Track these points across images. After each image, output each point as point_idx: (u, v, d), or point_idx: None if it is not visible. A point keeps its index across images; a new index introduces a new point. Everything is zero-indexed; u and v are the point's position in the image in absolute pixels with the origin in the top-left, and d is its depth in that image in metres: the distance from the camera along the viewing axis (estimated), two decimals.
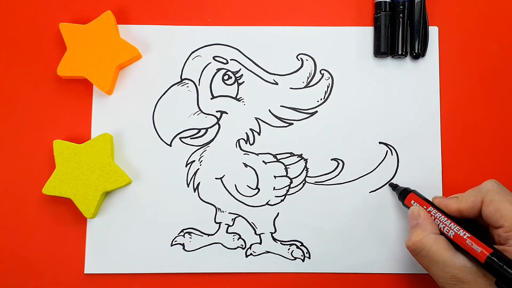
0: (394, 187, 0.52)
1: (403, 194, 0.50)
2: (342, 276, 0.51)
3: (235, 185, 0.52)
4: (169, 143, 0.53)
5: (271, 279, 0.52)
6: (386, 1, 0.53)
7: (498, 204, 0.42)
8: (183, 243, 0.52)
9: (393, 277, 0.51)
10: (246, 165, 0.52)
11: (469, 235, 0.43)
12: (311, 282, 0.51)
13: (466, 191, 0.46)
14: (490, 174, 0.53)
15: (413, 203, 0.48)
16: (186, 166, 0.52)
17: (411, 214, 0.47)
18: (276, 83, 0.53)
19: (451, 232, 0.44)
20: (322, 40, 0.54)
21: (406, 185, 0.52)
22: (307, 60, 0.54)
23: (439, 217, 0.46)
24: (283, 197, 0.52)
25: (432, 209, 0.47)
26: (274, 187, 0.52)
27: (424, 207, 0.47)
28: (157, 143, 0.53)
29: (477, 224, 0.46)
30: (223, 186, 0.52)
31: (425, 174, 0.53)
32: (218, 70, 0.53)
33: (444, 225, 0.45)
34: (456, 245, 0.44)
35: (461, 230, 0.44)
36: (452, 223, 0.45)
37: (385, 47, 0.53)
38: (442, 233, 0.45)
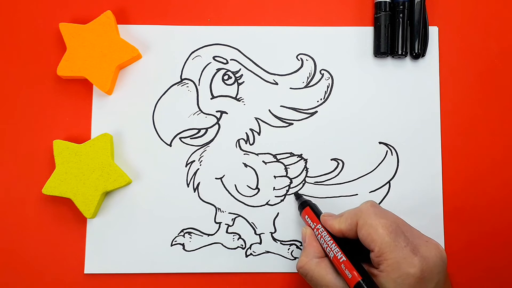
0: (297, 197, 0.51)
1: (302, 206, 0.50)
2: None
3: (235, 185, 0.52)
4: (169, 143, 0.53)
5: (271, 279, 0.52)
6: (386, 1, 0.53)
7: (369, 228, 0.42)
8: (183, 243, 0.52)
9: None
10: (246, 165, 0.52)
11: (345, 259, 0.43)
12: None
13: (348, 210, 0.45)
14: (490, 174, 0.53)
15: (307, 218, 0.48)
16: (186, 166, 0.52)
17: (302, 235, 0.48)
18: (276, 83, 0.53)
19: (331, 254, 0.44)
20: (322, 40, 0.54)
21: (406, 185, 0.52)
22: (307, 60, 0.54)
23: (325, 236, 0.46)
24: (283, 197, 0.52)
25: (321, 227, 0.46)
26: (274, 187, 0.52)
27: (314, 224, 0.47)
28: (157, 143, 0.53)
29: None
30: (223, 186, 0.52)
31: (425, 174, 0.53)
32: (218, 70, 0.53)
33: (327, 246, 0.45)
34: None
35: (339, 253, 0.43)
36: (334, 244, 0.44)
37: (385, 47, 0.53)
38: (327, 255, 0.45)
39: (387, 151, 0.53)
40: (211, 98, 0.53)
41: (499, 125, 0.54)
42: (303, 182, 0.52)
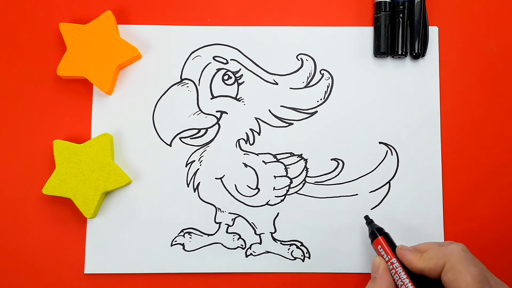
0: (368, 222, 0.50)
1: (373, 235, 0.48)
2: (342, 276, 0.51)
3: (235, 185, 0.52)
4: (169, 143, 0.53)
5: (271, 279, 0.52)
6: (386, 1, 0.53)
7: (457, 274, 0.40)
8: (183, 243, 0.52)
9: None
10: (246, 165, 0.52)
11: None
12: (311, 282, 0.51)
13: (431, 248, 0.44)
14: (490, 173, 0.53)
15: (380, 249, 0.47)
16: (186, 166, 0.52)
17: (373, 265, 0.46)
18: (276, 83, 0.53)
19: None
20: (322, 40, 0.54)
21: (406, 185, 0.52)
22: (307, 60, 0.54)
23: (399, 272, 0.45)
24: (283, 197, 0.52)
25: (395, 261, 0.45)
26: (274, 187, 0.52)
27: (389, 257, 0.46)
28: (157, 143, 0.53)
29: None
30: (223, 186, 0.52)
31: (425, 174, 0.53)
32: (218, 70, 0.53)
33: (402, 283, 0.44)
34: None
35: None
36: (410, 283, 0.44)
37: (385, 47, 0.53)
38: None
39: (387, 151, 0.53)
40: (211, 98, 0.53)
41: (499, 125, 0.54)
42: (303, 182, 0.52)
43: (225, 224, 0.52)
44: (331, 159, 0.53)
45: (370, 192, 0.52)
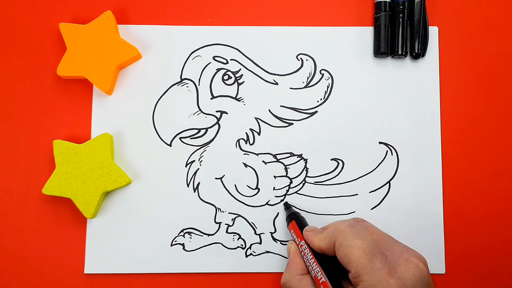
0: (286, 207, 0.51)
1: (289, 219, 0.49)
2: None
3: (235, 185, 0.52)
4: (169, 143, 0.53)
5: (271, 279, 0.52)
6: (386, 1, 0.53)
7: (345, 249, 0.41)
8: (183, 243, 0.52)
9: None
10: (246, 165, 0.52)
11: (324, 280, 0.43)
12: None
13: (330, 226, 0.45)
14: (490, 173, 0.53)
15: (292, 233, 0.48)
16: (186, 166, 0.52)
17: (287, 249, 0.48)
18: (276, 83, 0.53)
19: (313, 273, 0.44)
20: (322, 40, 0.54)
21: (406, 185, 0.52)
22: (307, 60, 0.54)
23: (307, 253, 0.45)
24: (283, 197, 0.52)
25: (304, 244, 0.46)
26: (274, 187, 0.52)
27: (299, 239, 0.47)
28: (157, 143, 0.53)
29: None
30: (223, 186, 0.52)
31: (425, 174, 0.53)
32: (218, 70, 0.53)
33: (309, 264, 0.45)
34: None
35: (319, 273, 0.43)
36: (315, 263, 0.44)
37: (385, 47, 0.53)
38: (310, 271, 0.45)
39: (387, 151, 0.53)
40: (211, 98, 0.53)
41: (499, 125, 0.54)
42: (303, 182, 0.52)
43: (225, 224, 0.52)
44: (331, 159, 0.53)
45: (370, 192, 0.52)
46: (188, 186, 0.52)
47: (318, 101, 0.53)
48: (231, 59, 0.54)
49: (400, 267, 0.40)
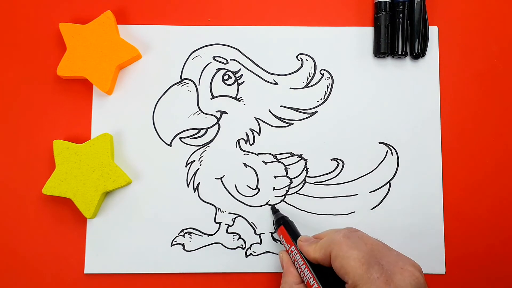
0: (273, 211, 0.51)
1: (277, 224, 0.49)
2: None
3: (235, 185, 0.52)
4: (169, 143, 0.53)
5: (271, 279, 0.52)
6: (386, 1, 0.53)
7: (342, 260, 0.41)
8: (183, 243, 0.52)
9: None
10: (246, 165, 0.52)
11: (317, 286, 0.42)
12: None
13: (325, 235, 0.44)
14: (490, 173, 0.53)
15: (281, 238, 0.48)
16: (186, 166, 0.52)
17: (280, 259, 0.48)
18: (276, 83, 0.53)
19: (305, 279, 0.44)
20: (322, 40, 0.54)
21: (406, 185, 0.52)
22: (307, 60, 0.54)
23: (298, 259, 0.45)
24: (283, 197, 0.52)
25: (295, 249, 0.46)
26: (274, 187, 0.52)
27: (289, 245, 0.47)
28: (157, 143, 0.53)
29: None
30: (223, 186, 0.52)
31: (425, 174, 0.53)
32: (218, 70, 0.53)
33: (300, 270, 0.45)
34: None
35: (311, 278, 0.43)
36: (309, 273, 0.44)
37: (385, 47, 0.53)
38: (302, 277, 0.45)
39: (387, 151, 0.53)
40: (211, 98, 0.53)
41: (499, 125, 0.54)
42: (303, 182, 0.52)
43: (225, 224, 0.52)
44: (331, 159, 0.53)
45: (370, 192, 0.52)
46: (188, 186, 0.52)
47: (318, 101, 0.53)
48: (231, 59, 0.54)
49: (396, 276, 0.40)
